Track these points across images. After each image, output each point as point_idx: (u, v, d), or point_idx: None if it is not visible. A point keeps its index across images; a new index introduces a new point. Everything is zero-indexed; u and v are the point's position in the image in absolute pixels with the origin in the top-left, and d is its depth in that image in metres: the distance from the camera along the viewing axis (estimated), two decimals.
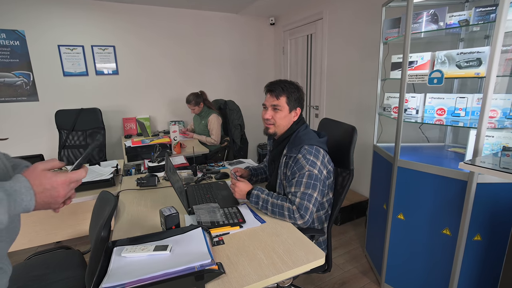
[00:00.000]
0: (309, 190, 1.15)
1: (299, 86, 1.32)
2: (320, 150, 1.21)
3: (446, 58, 1.43)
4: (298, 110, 1.31)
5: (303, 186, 1.16)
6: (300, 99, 1.31)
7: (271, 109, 1.30)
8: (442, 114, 1.54)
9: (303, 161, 1.18)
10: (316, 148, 1.20)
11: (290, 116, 1.30)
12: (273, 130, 1.33)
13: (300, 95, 1.30)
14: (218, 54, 3.80)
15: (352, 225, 2.58)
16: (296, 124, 1.32)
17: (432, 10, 1.48)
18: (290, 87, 1.28)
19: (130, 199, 1.45)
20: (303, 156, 1.19)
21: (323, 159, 1.21)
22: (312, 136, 1.26)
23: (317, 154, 1.20)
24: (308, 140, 1.22)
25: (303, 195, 1.15)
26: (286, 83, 1.29)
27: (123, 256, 0.89)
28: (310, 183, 1.16)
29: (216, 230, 1.10)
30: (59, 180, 0.60)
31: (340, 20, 2.83)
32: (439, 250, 1.47)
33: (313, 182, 1.16)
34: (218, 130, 2.95)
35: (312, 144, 1.21)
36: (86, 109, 2.89)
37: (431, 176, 1.43)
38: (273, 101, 1.28)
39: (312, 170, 1.17)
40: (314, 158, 1.19)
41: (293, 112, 1.30)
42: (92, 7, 3.04)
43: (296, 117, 1.32)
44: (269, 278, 0.84)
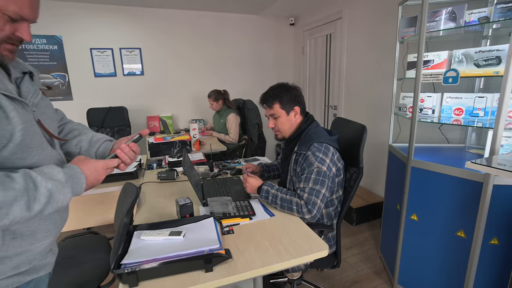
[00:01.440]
0: (317, 186, 1.19)
1: (290, 86, 1.36)
2: (330, 148, 1.25)
3: (463, 57, 1.40)
4: (296, 108, 1.35)
5: (312, 182, 1.20)
6: (294, 98, 1.34)
7: (271, 119, 1.36)
8: (460, 114, 1.50)
9: (312, 158, 1.22)
10: (326, 146, 1.24)
11: (291, 118, 1.35)
12: (280, 135, 1.40)
13: (292, 95, 1.33)
14: (238, 55, 3.89)
15: (368, 226, 2.55)
16: (305, 123, 1.36)
17: (450, 8, 1.45)
18: (280, 91, 1.33)
19: (151, 191, 1.57)
20: (312, 153, 1.23)
21: (332, 157, 1.24)
22: (322, 134, 1.29)
23: (327, 151, 1.23)
24: (317, 138, 1.26)
25: (311, 190, 1.19)
26: (275, 89, 1.34)
27: (142, 239, 0.98)
28: (318, 179, 1.20)
29: (227, 220, 1.18)
30: (99, 165, 0.74)
31: (359, 19, 2.80)
32: (453, 252, 1.44)
33: (322, 178, 1.20)
34: (235, 128, 3.03)
35: (321, 142, 1.24)
36: (114, 108, 3.10)
37: (446, 177, 1.41)
38: (269, 111, 1.35)
39: (321, 167, 1.21)
40: (323, 156, 1.22)
41: (291, 113, 1.34)
42: (121, 12, 3.25)
43: (298, 115, 1.36)
44: (272, 265, 0.90)
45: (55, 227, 0.75)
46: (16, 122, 0.61)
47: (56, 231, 0.76)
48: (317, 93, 3.75)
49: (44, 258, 0.75)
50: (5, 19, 0.58)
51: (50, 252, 0.79)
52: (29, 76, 0.73)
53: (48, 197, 0.60)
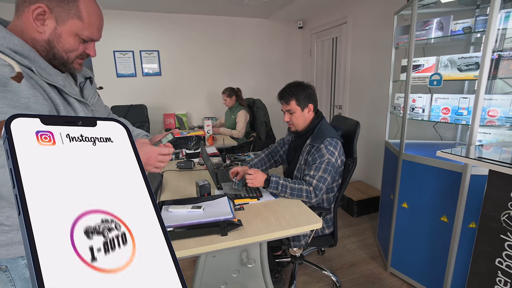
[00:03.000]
0: (325, 174, 1.41)
1: (306, 85, 1.55)
2: (339, 142, 1.46)
3: (448, 62, 1.57)
4: (310, 106, 1.55)
5: (321, 171, 1.41)
6: (309, 96, 1.53)
7: (287, 114, 1.56)
8: (447, 113, 1.68)
9: (324, 151, 1.43)
10: (336, 141, 1.45)
11: (305, 114, 1.55)
12: (294, 129, 1.60)
13: (307, 93, 1.53)
14: (249, 56, 4.12)
15: (368, 218, 2.73)
16: (316, 119, 1.56)
17: (438, 19, 1.63)
18: (297, 89, 1.52)
19: (172, 178, 1.81)
20: (325, 147, 1.43)
21: (340, 150, 1.46)
22: (332, 130, 1.50)
23: (336, 145, 1.44)
24: (330, 133, 1.47)
25: (320, 178, 1.40)
26: (292, 87, 1.53)
27: (169, 211, 1.21)
28: (327, 169, 1.41)
29: (238, 200, 1.40)
30: (152, 150, 0.85)
31: (363, 24, 2.98)
32: (438, 236, 1.62)
33: (330, 168, 1.41)
34: (243, 124, 3.25)
35: (333, 137, 1.45)
36: (134, 106, 3.38)
37: (431, 168, 1.59)
38: (286, 107, 1.55)
39: (331, 159, 1.42)
40: (334, 149, 1.43)
41: (305, 110, 1.54)
42: (141, 18, 3.52)
43: (311, 112, 1.56)
44: (275, 232, 1.11)
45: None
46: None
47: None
48: (324, 93, 3.93)
49: None
50: (79, 41, 0.76)
51: None
52: (89, 81, 0.92)
53: None
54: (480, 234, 1.12)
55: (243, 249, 1.17)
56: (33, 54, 0.69)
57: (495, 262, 1.06)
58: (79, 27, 0.74)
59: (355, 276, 1.93)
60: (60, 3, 0.70)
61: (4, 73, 0.60)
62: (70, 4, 0.71)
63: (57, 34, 0.72)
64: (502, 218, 1.01)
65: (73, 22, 0.72)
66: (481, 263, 1.14)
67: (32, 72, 0.67)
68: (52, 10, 0.69)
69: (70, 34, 0.73)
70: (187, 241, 1.05)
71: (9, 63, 0.61)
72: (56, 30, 0.72)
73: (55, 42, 0.73)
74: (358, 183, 3.15)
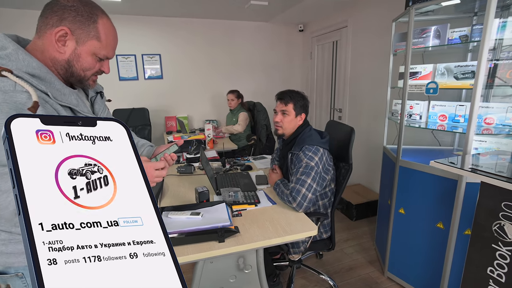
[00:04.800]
0: (302, 176, 1.41)
1: (305, 96, 1.60)
2: (320, 149, 1.47)
3: (445, 70, 1.59)
4: (303, 115, 1.59)
5: (299, 174, 1.43)
6: (305, 106, 1.58)
7: (280, 114, 1.59)
8: (444, 120, 1.69)
9: (302, 156, 1.45)
10: (316, 147, 1.47)
11: (296, 120, 1.58)
12: (281, 131, 1.62)
13: (304, 103, 1.58)
14: (249, 59, 4.14)
15: (367, 221, 2.75)
16: (301, 127, 1.59)
17: (435, 27, 1.64)
18: (297, 96, 1.56)
19: (172, 182, 1.84)
20: (303, 152, 1.46)
21: (321, 156, 1.47)
22: (314, 137, 1.52)
23: (316, 152, 1.45)
24: (309, 141, 1.49)
25: (298, 180, 1.41)
26: (293, 93, 1.57)
27: (169, 217, 1.24)
28: (304, 172, 1.42)
29: (237, 206, 1.43)
30: (148, 165, 0.83)
31: (363, 29, 2.99)
32: (434, 242, 1.64)
33: (308, 171, 1.42)
34: (244, 122, 3.28)
35: (312, 144, 1.47)
36: (136, 109, 3.42)
37: (427, 175, 1.61)
38: (282, 107, 1.57)
39: (309, 162, 1.43)
40: (313, 154, 1.45)
41: (298, 117, 1.58)
42: (143, 22, 3.56)
43: (301, 121, 1.59)
44: (271, 239, 1.14)
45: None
46: None
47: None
48: (324, 97, 3.95)
49: None
50: (96, 60, 0.80)
51: None
52: (100, 95, 0.97)
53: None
54: (472, 242, 1.14)
55: (240, 255, 1.19)
56: (49, 76, 0.72)
57: (487, 271, 1.07)
58: (97, 47, 0.78)
59: (352, 281, 1.95)
60: (81, 25, 0.74)
61: (21, 99, 0.64)
62: (90, 27, 0.76)
63: (76, 54, 0.77)
64: (493, 228, 1.03)
65: (92, 42, 0.77)
66: (473, 270, 1.16)
67: (47, 96, 0.70)
68: (74, 32, 0.74)
69: (89, 53, 0.78)
70: (186, 248, 1.08)
71: (26, 90, 0.64)
72: (76, 50, 0.76)
73: (74, 62, 0.77)
74: (357, 186, 3.16)
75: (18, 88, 0.64)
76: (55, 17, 0.72)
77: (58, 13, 0.72)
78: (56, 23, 0.72)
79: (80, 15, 0.74)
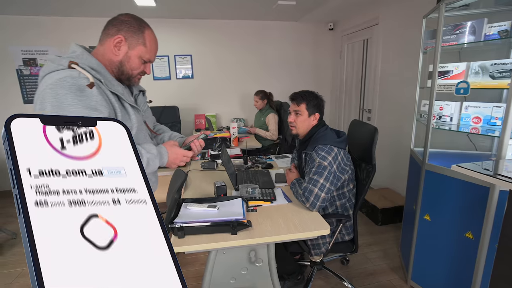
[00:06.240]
0: (315, 176, 1.40)
1: (318, 95, 1.59)
2: (334, 149, 1.45)
3: (480, 69, 1.48)
4: (317, 115, 1.58)
5: (311, 174, 1.42)
6: (318, 105, 1.57)
7: (293, 114, 1.60)
8: (478, 123, 1.58)
9: (315, 155, 1.45)
10: (330, 147, 1.45)
11: (310, 120, 1.58)
12: (295, 131, 1.63)
13: (318, 102, 1.57)
14: (278, 59, 4.16)
15: (393, 227, 2.63)
16: (316, 127, 1.58)
17: (470, 22, 1.53)
18: (309, 96, 1.56)
19: (195, 177, 1.94)
20: (316, 152, 1.45)
21: (335, 156, 1.44)
22: (329, 137, 1.50)
23: (330, 151, 1.44)
24: (323, 140, 1.48)
25: (310, 180, 1.41)
26: (306, 93, 1.57)
27: (188, 208, 1.33)
28: (317, 172, 1.41)
29: (253, 202, 1.47)
30: (179, 151, 1.08)
31: (394, 26, 2.86)
32: (461, 252, 1.53)
33: (321, 171, 1.40)
34: (275, 126, 3.32)
35: (326, 144, 1.46)
36: (168, 107, 3.62)
37: (456, 181, 1.51)
38: (295, 107, 1.58)
39: (322, 162, 1.42)
40: (326, 154, 1.44)
41: (312, 117, 1.57)
42: (176, 24, 3.75)
43: (315, 121, 1.59)
44: (282, 235, 1.17)
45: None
46: (133, 121, 1.01)
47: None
48: (353, 97, 3.84)
49: None
50: (141, 62, 1.02)
51: None
52: (142, 93, 1.18)
53: (147, 163, 0.99)
54: (499, 254, 1.06)
55: (251, 249, 1.24)
56: (103, 71, 0.95)
57: None
58: (143, 52, 1.01)
59: (372, 286, 1.90)
60: (133, 34, 0.98)
61: (82, 83, 0.86)
62: (139, 35, 0.99)
63: (127, 56, 0.99)
64: None
65: (140, 48, 1.00)
66: (501, 285, 1.08)
67: (101, 83, 0.92)
68: (127, 39, 0.98)
69: (136, 56, 1.00)
70: (200, 237, 1.15)
71: (86, 76, 0.87)
72: (127, 53, 0.99)
73: (125, 62, 1.00)
74: (385, 190, 3.04)
75: (82, 76, 0.86)
76: (114, 29, 0.97)
77: (117, 26, 0.97)
78: (114, 33, 0.96)
79: (132, 27, 0.97)
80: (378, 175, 3.14)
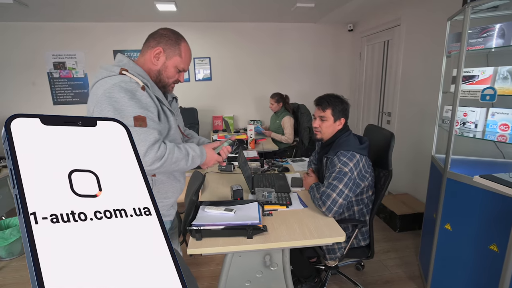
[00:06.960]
0: (335, 181, 1.39)
1: (344, 100, 1.57)
2: (356, 155, 1.44)
3: (508, 74, 1.41)
4: (342, 120, 1.56)
5: (331, 179, 1.42)
6: (344, 110, 1.55)
7: (319, 119, 1.59)
8: (506, 130, 1.51)
9: (336, 161, 1.44)
10: (352, 153, 1.44)
11: (335, 125, 1.57)
12: (320, 136, 1.63)
13: (344, 107, 1.55)
14: (296, 61, 4.15)
15: (412, 234, 2.56)
16: (340, 132, 1.57)
17: (499, 25, 1.47)
18: (335, 100, 1.55)
19: (213, 179, 1.98)
20: (337, 158, 1.45)
21: (357, 162, 1.43)
22: (352, 142, 1.49)
23: (352, 157, 1.43)
24: (345, 146, 1.47)
25: (329, 185, 1.40)
26: (332, 97, 1.56)
27: (205, 211, 1.37)
28: (337, 177, 1.40)
29: (268, 206, 1.49)
30: (214, 155, 1.16)
31: (417, 28, 2.78)
32: (485, 265, 1.48)
33: (341, 176, 1.39)
34: (290, 129, 3.32)
35: (348, 150, 1.45)
36: (187, 108, 3.71)
37: (480, 190, 1.45)
38: (320, 113, 1.57)
39: (343, 168, 1.41)
40: (347, 160, 1.43)
41: (337, 122, 1.56)
42: (196, 27, 3.84)
43: (341, 125, 1.57)
44: (297, 241, 1.18)
45: (177, 192, 1.21)
46: (171, 123, 1.10)
47: (177, 195, 1.21)
48: (372, 99, 3.76)
49: (168, 210, 1.20)
50: (176, 71, 1.11)
51: (172, 208, 1.24)
52: (175, 100, 1.27)
53: (192, 160, 1.06)
54: None
55: (266, 253, 1.26)
56: (147, 77, 1.06)
57: None
58: (179, 62, 1.11)
59: None
60: (171, 46, 1.08)
61: (134, 87, 0.97)
62: (176, 47, 1.09)
63: (164, 66, 1.09)
64: None
65: (176, 58, 1.10)
66: None
67: (147, 87, 1.01)
68: (165, 51, 1.08)
69: (172, 66, 1.10)
70: (216, 240, 1.18)
71: (136, 81, 0.98)
72: (165, 63, 1.09)
73: (162, 71, 1.10)
74: (404, 195, 2.96)
75: (132, 81, 0.98)
76: (154, 41, 1.07)
77: (157, 38, 1.08)
78: (155, 45, 1.07)
79: (170, 40, 1.08)
80: (398, 180, 3.07)
